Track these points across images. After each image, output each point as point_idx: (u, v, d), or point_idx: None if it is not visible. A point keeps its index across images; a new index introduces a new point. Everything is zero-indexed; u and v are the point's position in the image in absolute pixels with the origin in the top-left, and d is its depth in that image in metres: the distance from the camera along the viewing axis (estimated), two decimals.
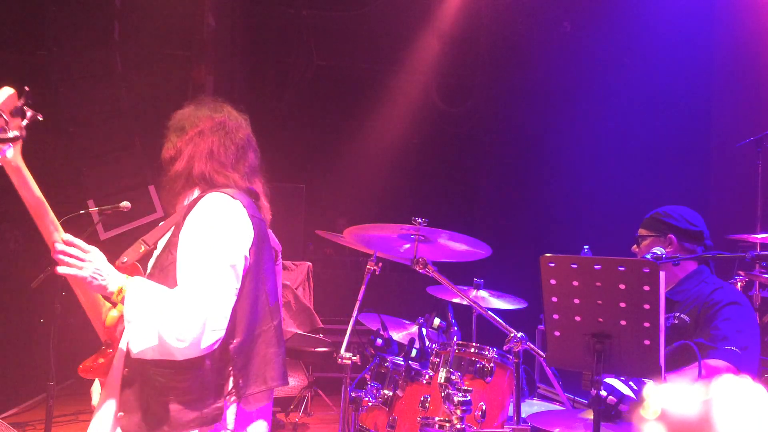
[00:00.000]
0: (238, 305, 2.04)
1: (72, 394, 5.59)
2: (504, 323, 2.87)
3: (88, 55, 6.38)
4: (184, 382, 1.96)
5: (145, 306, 1.93)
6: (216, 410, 1.98)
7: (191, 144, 2.18)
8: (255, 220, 2.14)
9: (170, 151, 2.20)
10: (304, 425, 5.71)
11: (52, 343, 3.77)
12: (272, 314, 2.14)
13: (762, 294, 3.99)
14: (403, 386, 2.98)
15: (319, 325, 6.17)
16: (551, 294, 2.08)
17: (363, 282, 3.10)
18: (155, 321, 1.90)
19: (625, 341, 2.02)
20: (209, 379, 1.99)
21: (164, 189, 2.24)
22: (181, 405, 1.96)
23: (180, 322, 1.89)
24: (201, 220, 2.07)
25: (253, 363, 2.06)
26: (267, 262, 2.17)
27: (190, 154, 2.17)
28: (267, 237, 2.22)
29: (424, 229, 2.98)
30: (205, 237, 2.02)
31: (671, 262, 2.78)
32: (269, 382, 2.08)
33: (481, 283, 3.69)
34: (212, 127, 2.21)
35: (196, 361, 1.96)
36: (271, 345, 2.11)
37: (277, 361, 2.11)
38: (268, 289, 2.14)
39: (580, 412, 2.62)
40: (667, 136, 6.05)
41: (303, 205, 8.28)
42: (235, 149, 2.22)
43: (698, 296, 2.79)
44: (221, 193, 2.10)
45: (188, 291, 1.95)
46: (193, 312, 1.90)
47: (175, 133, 2.21)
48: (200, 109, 2.25)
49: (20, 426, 5.07)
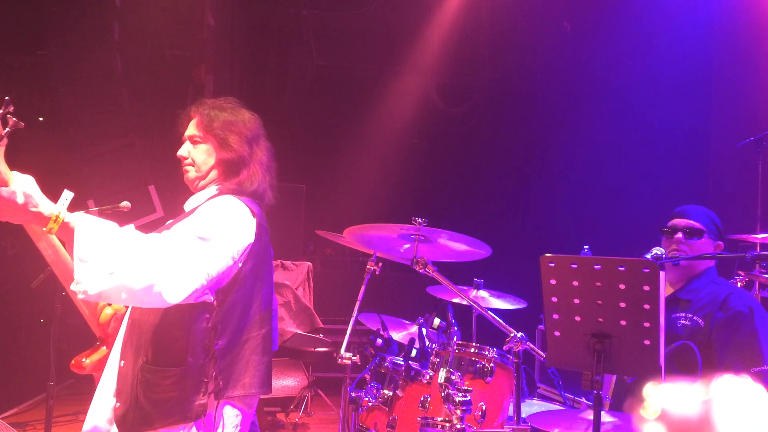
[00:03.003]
0: (231, 308, 2.06)
1: (72, 394, 5.59)
2: (504, 323, 2.87)
3: (88, 55, 6.37)
4: (168, 378, 2.00)
5: (102, 244, 1.84)
6: (199, 407, 2.02)
7: (254, 150, 2.24)
8: (261, 228, 2.16)
9: (231, 153, 2.21)
10: (304, 425, 5.70)
11: (52, 343, 3.77)
12: (262, 322, 2.15)
13: (762, 294, 3.99)
14: (403, 386, 2.98)
15: (319, 325, 6.17)
16: (551, 294, 2.08)
17: (363, 282, 3.10)
18: (115, 261, 1.82)
19: (625, 341, 2.02)
20: (192, 376, 2.01)
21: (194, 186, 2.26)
22: (167, 400, 2.00)
23: (136, 265, 1.83)
24: (204, 209, 2.11)
25: (236, 367, 2.08)
26: (266, 271, 2.19)
27: (259, 161, 2.24)
28: (270, 248, 2.24)
29: (424, 229, 2.98)
30: (199, 219, 2.06)
31: (671, 262, 2.78)
32: (248, 389, 2.09)
33: (481, 283, 3.69)
34: (261, 133, 2.29)
35: (179, 359, 2.00)
36: (257, 353, 2.12)
37: (259, 369, 2.12)
38: (262, 296, 2.16)
39: (580, 412, 2.62)
40: (667, 136, 6.05)
41: (303, 205, 8.27)
42: (271, 153, 2.31)
43: (712, 299, 2.76)
44: (234, 197, 2.14)
45: (155, 241, 1.94)
46: (151, 261, 1.85)
47: (232, 134, 2.22)
48: (239, 111, 2.28)
49: (20, 426, 5.07)
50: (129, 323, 2.13)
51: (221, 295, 2.07)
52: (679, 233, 2.87)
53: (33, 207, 1.84)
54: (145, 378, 2.01)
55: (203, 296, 2.01)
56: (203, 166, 2.23)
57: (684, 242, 2.85)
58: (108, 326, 2.10)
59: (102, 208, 3.82)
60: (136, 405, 2.01)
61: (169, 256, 1.89)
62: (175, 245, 1.94)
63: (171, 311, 1.96)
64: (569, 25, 7.53)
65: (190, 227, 2.01)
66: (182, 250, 1.93)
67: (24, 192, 1.82)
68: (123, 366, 2.08)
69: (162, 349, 2.02)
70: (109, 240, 1.84)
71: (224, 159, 2.21)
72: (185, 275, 1.90)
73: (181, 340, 2.02)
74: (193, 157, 2.24)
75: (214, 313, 2.05)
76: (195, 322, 2.03)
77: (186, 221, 2.06)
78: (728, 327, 2.66)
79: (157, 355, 2.02)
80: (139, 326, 2.07)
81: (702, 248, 2.83)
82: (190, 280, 1.91)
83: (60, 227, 1.86)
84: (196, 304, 2.01)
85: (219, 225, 2.04)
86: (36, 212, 1.84)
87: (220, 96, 2.36)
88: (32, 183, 1.86)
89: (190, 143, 2.26)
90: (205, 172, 2.23)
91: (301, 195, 8.23)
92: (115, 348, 2.14)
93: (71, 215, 1.88)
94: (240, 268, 2.09)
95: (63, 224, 1.86)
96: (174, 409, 2.00)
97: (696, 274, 2.86)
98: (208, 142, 2.22)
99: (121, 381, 2.07)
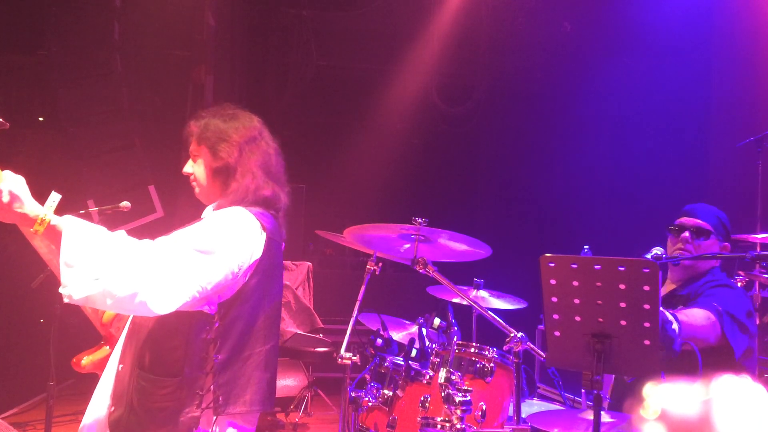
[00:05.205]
0: (233, 322, 2.03)
1: (72, 394, 5.59)
2: (504, 323, 2.87)
3: (88, 55, 6.37)
4: (164, 388, 1.97)
5: (89, 249, 1.81)
6: (192, 420, 1.98)
7: (244, 156, 2.16)
8: (272, 243, 2.12)
9: (219, 161, 2.15)
10: (304, 425, 5.70)
11: (52, 343, 3.76)
12: (267, 338, 2.12)
13: (762, 294, 3.99)
14: (403, 386, 2.98)
15: (319, 325, 6.16)
16: (551, 294, 2.08)
17: (363, 282, 3.10)
18: (100, 267, 1.80)
19: (625, 341, 2.02)
20: (187, 387, 1.98)
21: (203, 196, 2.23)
22: (161, 410, 1.97)
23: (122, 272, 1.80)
24: (208, 220, 2.09)
25: (237, 383, 2.04)
26: (274, 287, 2.15)
27: (248, 167, 2.15)
28: (281, 263, 2.20)
29: (424, 229, 2.98)
30: (200, 229, 2.03)
31: (671, 262, 2.78)
32: (249, 405, 2.06)
33: (481, 283, 3.69)
34: (256, 137, 2.20)
35: (176, 369, 1.97)
36: (259, 368, 2.08)
37: (261, 386, 2.09)
38: (268, 312, 2.12)
39: (580, 412, 2.62)
40: (666, 136, 6.05)
41: (303, 205, 8.28)
42: (277, 157, 2.24)
43: (698, 285, 2.80)
44: (243, 209, 2.09)
45: (146, 248, 1.89)
46: (138, 269, 1.82)
47: (221, 142, 2.16)
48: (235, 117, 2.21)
49: (20, 426, 5.07)
50: (130, 327, 2.10)
51: (224, 308, 2.02)
52: (686, 232, 2.83)
53: (18, 207, 1.80)
54: (140, 385, 1.98)
55: (200, 308, 1.98)
56: (203, 180, 2.20)
57: (690, 242, 2.82)
58: (111, 326, 2.09)
59: (102, 208, 3.82)
60: (130, 411, 1.98)
61: (159, 266, 1.85)
62: (168, 254, 1.90)
63: (170, 319, 1.92)
64: (569, 25, 7.53)
65: (188, 237, 1.97)
66: (174, 260, 1.89)
67: (10, 191, 1.78)
68: (121, 370, 2.05)
69: (159, 358, 1.99)
70: (95, 245, 1.81)
71: (214, 169, 2.16)
72: (173, 286, 1.85)
73: (179, 350, 1.98)
74: (194, 173, 2.22)
75: (216, 325, 2.01)
76: (195, 332, 1.99)
77: (187, 229, 2.02)
78: (699, 292, 2.73)
79: (155, 364, 1.99)
80: (139, 331, 2.05)
81: (708, 249, 2.80)
82: (179, 292, 1.86)
83: (46, 230, 1.82)
84: (195, 315, 1.98)
85: (219, 237, 1.99)
86: (21, 213, 1.81)
87: (220, 96, 2.35)
88: (21, 183, 1.82)
89: (191, 159, 2.23)
90: (207, 186, 2.20)
91: (301, 195, 8.25)
92: (115, 350, 2.11)
93: (58, 218, 1.84)
94: (245, 282, 2.05)
95: (49, 227, 1.82)
96: (167, 420, 1.96)
97: (699, 273, 2.85)
98: (202, 154, 2.19)
99: (118, 385, 2.05)
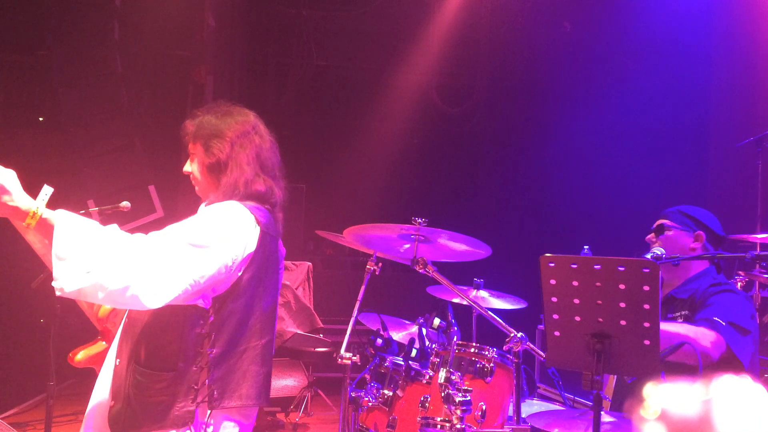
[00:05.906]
0: (228, 316, 2.03)
1: (72, 394, 5.59)
2: (504, 323, 2.87)
3: (88, 55, 6.37)
4: (159, 383, 1.97)
5: (80, 242, 1.81)
6: (187, 414, 1.98)
7: (235, 150, 2.16)
8: (267, 237, 2.12)
9: (212, 158, 2.16)
10: (304, 425, 5.70)
11: (52, 343, 3.76)
12: (263, 332, 2.11)
13: (762, 294, 3.99)
14: (403, 386, 2.98)
15: (319, 325, 6.16)
16: (551, 294, 2.08)
17: (363, 282, 3.10)
18: (92, 260, 1.79)
19: (625, 341, 2.02)
20: (182, 381, 1.98)
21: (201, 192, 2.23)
22: (156, 404, 1.97)
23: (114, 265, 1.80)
24: (201, 214, 2.09)
25: (232, 377, 2.04)
26: (270, 281, 2.15)
27: (238, 162, 2.15)
28: (277, 256, 2.19)
29: (424, 229, 2.98)
30: (193, 223, 2.03)
31: (671, 262, 2.78)
32: (245, 399, 2.06)
33: (481, 283, 3.69)
34: (249, 131, 2.20)
35: (171, 363, 1.97)
36: (255, 363, 2.08)
37: (257, 380, 2.08)
38: (264, 306, 2.12)
39: (580, 412, 2.61)
40: (666, 136, 6.05)
41: (303, 205, 8.28)
42: (272, 152, 2.24)
43: (701, 291, 2.78)
44: (237, 203, 2.10)
45: (139, 242, 1.88)
46: (130, 262, 1.82)
47: (214, 138, 2.16)
48: (228, 114, 2.21)
49: (20, 426, 5.07)
50: (126, 321, 2.10)
51: (218, 302, 2.02)
52: (651, 233, 2.92)
53: (9, 201, 1.79)
54: (136, 380, 1.99)
55: (194, 302, 1.98)
56: (200, 177, 2.20)
57: (656, 240, 2.88)
58: (107, 320, 2.08)
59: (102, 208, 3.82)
60: (128, 405, 1.99)
61: (151, 259, 1.85)
62: (160, 248, 1.89)
63: (164, 313, 1.92)
64: (569, 25, 7.53)
65: (181, 231, 1.97)
66: (166, 253, 1.89)
67: (1, 185, 1.78)
68: (118, 365, 2.06)
69: (154, 352, 1.99)
70: (87, 238, 1.81)
71: (207, 165, 2.17)
72: (165, 280, 1.85)
73: (173, 344, 1.98)
74: (192, 171, 2.22)
75: (210, 320, 2.01)
76: (189, 326, 1.99)
77: (179, 224, 2.02)
78: (703, 299, 2.71)
79: (150, 358, 1.99)
80: (135, 326, 2.05)
81: (678, 240, 2.82)
82: (171, 285, 1.86)
83: (38, 223, 1.82)
84: (189, 309, 1.98)
85: (212, 231, 1.99)
86: (13, 206, 1.80)
87: (220, 96, 2.36)
88: (13, 177, 1.82)
89: (189, 158, 2.24)
90: (204, 184, 2.20)
91: (301, 195, 8.25)
92: (113, 346, 2.12)
93: (50, 212, 1.83)
94: (240, 276, 2.05)
95: (41, 220, 1.81)
96: (162, 414, 1.96)
97: (694, 274, 2.85)
98: (198, 152, 2.20)
99: (116, 380, 2.05)
